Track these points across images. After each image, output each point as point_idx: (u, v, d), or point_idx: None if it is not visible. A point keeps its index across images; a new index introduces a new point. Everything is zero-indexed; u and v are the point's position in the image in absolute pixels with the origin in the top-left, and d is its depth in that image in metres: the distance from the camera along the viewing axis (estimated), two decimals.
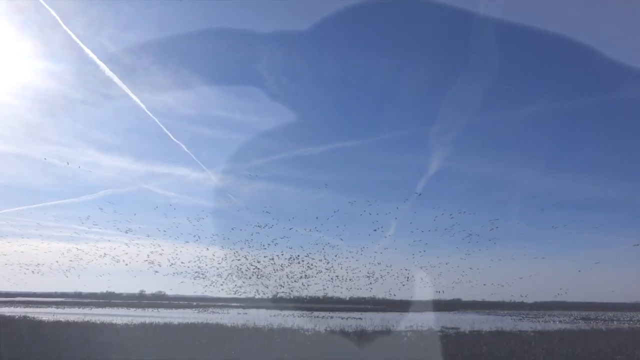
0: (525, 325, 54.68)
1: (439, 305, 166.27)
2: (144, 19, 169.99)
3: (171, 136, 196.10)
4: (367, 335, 31.98)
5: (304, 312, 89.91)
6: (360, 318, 65.69)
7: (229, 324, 40.64)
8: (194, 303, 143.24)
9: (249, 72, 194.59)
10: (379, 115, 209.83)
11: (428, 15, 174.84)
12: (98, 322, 39.39)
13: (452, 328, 45.94)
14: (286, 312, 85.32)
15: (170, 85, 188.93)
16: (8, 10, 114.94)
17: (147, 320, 42.84)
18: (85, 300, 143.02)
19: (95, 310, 76.22)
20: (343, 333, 33.01)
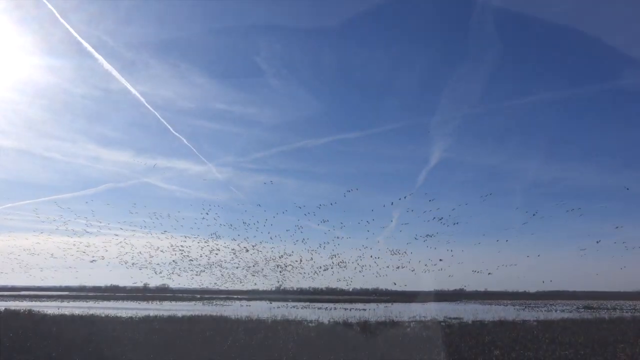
0: (528, 314, 54.82)
1: (442, 296, 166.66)
2: (143, 13, 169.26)
3: (172, 130, 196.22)
4: (371, 326, 32.10)
5: (308, 303, 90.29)
6: (363, 309, 65.94)
7: (233, 316, 40.83)
8: (198, 296, 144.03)
9: (248, 65, 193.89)
10: (379, 107, 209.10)
11: (427, 5, 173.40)
12: (102, 315, 39.63)
13: (455, 318, 46.09)
14: (290, 304, 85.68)
15: (170, 78, 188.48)
16: (8, 6, 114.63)
17: (151, 313, 43.09)
18: (90, 294, 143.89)
19: (99, 304, 76.72)
20: (346, 324, 33.13)
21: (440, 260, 64.31)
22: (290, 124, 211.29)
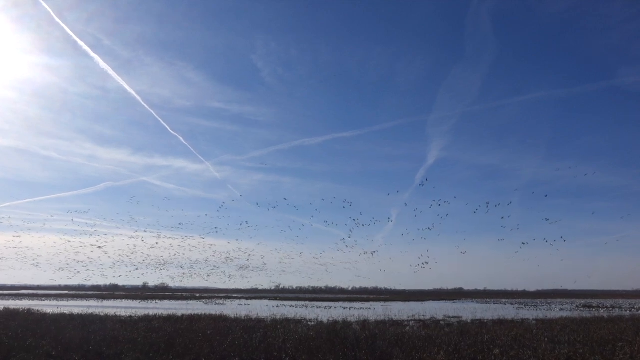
0: (527, 313, 54.87)
1: (441, 294, 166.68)
2: (139, 12, 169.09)
3: (168, 128, 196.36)
4: (370, 324, 32.09)
5: (307, 302, 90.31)
6: (362, 308, 65.97)
7: (232, 315, 40.83)
8: (197, 294, 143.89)
9: (244, 64, 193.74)
10: (376, 105, 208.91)
11: (424, 4, 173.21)
12: (102, 314, 39.59)
13: (455, 317, 46.16)
14: (289, 303, 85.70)
15: (167, 77, 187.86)
16: (6, 4, 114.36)
17: (151, 312, 43.05)
18: (89, 293, 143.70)
19: (99, 303, 76.68)
20: (345, 323, 33.12)
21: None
22: (287, 123, 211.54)
